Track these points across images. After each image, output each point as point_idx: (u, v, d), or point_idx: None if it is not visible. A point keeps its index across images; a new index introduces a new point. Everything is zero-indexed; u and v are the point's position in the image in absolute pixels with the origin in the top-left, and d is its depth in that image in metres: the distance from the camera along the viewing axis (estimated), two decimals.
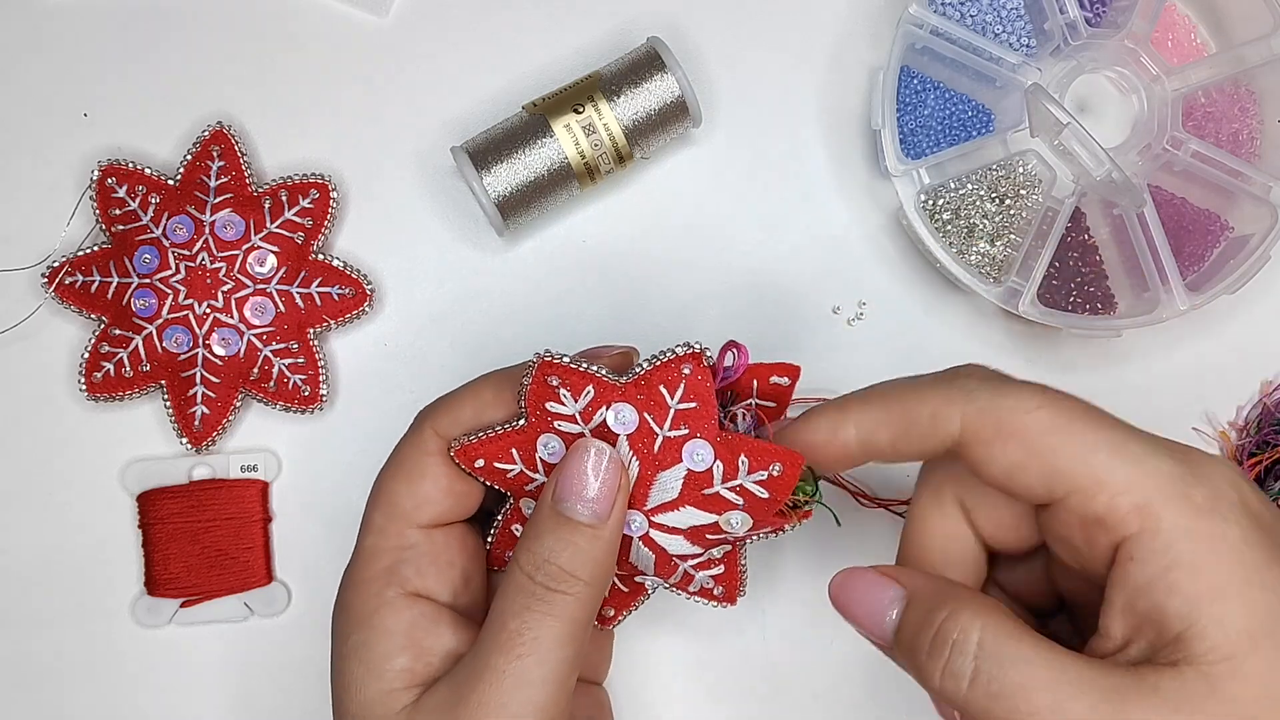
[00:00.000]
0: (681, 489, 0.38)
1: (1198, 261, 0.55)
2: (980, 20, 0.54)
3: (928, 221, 0.53)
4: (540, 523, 0.38)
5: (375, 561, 0.41)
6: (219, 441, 0.54)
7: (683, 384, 0.38)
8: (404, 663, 0.39)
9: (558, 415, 0.39)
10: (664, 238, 0.56)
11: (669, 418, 0.38)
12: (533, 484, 0.40)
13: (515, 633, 0.37)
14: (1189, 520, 0.32)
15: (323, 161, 0.55)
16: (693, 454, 0.38)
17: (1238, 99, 0.56)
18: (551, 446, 0.39)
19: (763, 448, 0.38)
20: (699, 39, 0.56)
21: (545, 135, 0.51)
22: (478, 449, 0.40)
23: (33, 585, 0.54)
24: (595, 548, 0.38)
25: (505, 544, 0.43)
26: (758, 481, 0.38)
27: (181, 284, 0.52)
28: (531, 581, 0.37)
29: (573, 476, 0.38)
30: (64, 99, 0.56)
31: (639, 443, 0.38)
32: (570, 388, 0.38)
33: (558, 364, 0.38)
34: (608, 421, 0.38)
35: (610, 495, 0.38)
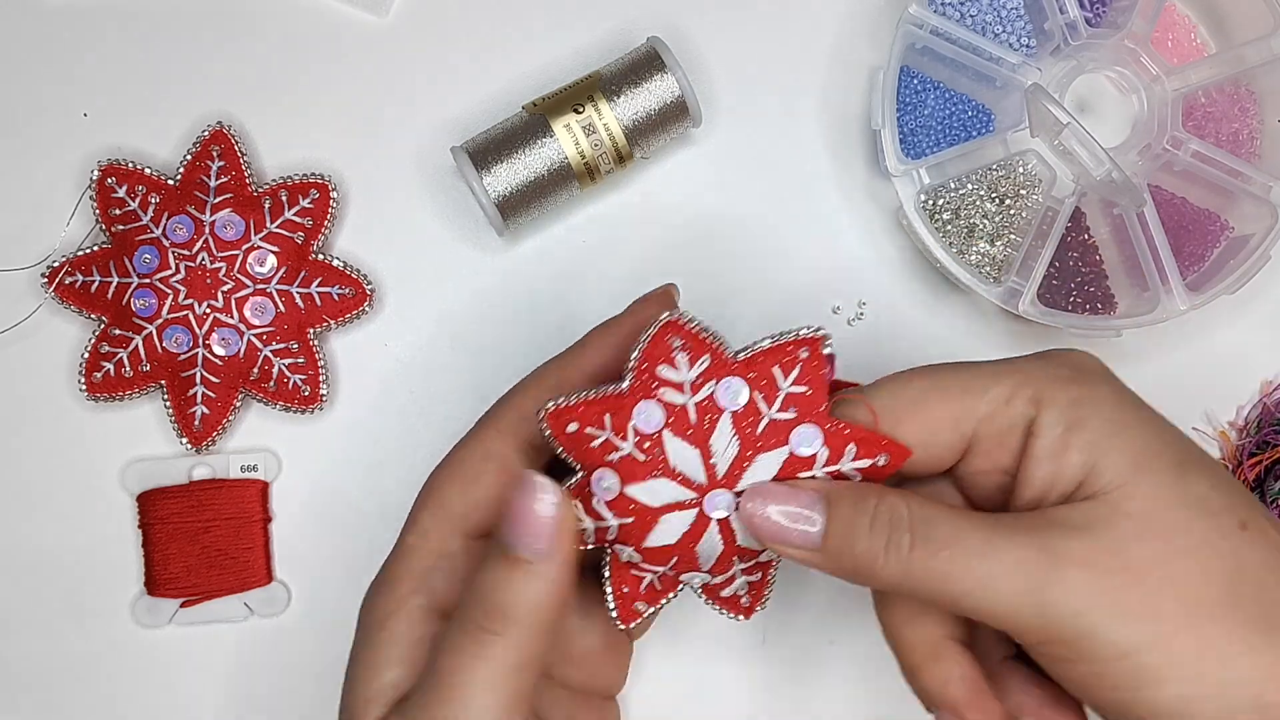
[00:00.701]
0: (778, 473, 0.38)
1: (1198, 261, 0.55)
2: (980, 20, 0.54)
3: (928, 221, 0.53)
4: (486, 559, 0.36)
5: (410, 561, 0.39)
6: (219, 441, 0.54)
7: (799, 367, 0.37)
8: (393, 678, 0.38)
9: (666, 381, 0.37)
10: (664, 238, 0.56)
11: (779, 400, 0.37)
12: (616, 454, 0.38)
13: (445, 673, 0.35)
14: (1069, 391, 0.37)
15: (323, 161, 0.55)
16: (801, 439, 0.37)
17: (1238, 99, 0.56)
18: (649, 415, 0.37)
19: (873, 438, 0.38)
20: (699, 39, 0.56)
21: (545, 135, 0.51)
22: (573, 412, 0.38)
23: (33, 585, 0.54)
24: (530, 586, 0.35)
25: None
26: (858, 469, 0.38)
27: (181, 284, 0.52)
28: (468, 619, 0.36)
29: (515, 511, 0.36)
30: (64, 99, 0.56)
31: (743, 421, 0.37)
32: (689, 353, 0.37)
33: (684, 326, 0.37)
34: (715, 395, 0.37)
35: (549, 532, 0.36)
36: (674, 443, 0.38)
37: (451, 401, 0.55)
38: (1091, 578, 0.34)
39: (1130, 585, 0.34)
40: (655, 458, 0.38)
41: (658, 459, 0.38)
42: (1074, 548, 0.35)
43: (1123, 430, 0.36)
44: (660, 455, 0.38)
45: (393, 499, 0.54)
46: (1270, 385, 0.55)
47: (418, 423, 0.55)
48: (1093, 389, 0.37)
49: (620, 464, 0.38)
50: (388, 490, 0.55)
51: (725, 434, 0.37)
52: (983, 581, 0.35)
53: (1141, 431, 0.37)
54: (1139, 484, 0.35)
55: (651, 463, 0.38)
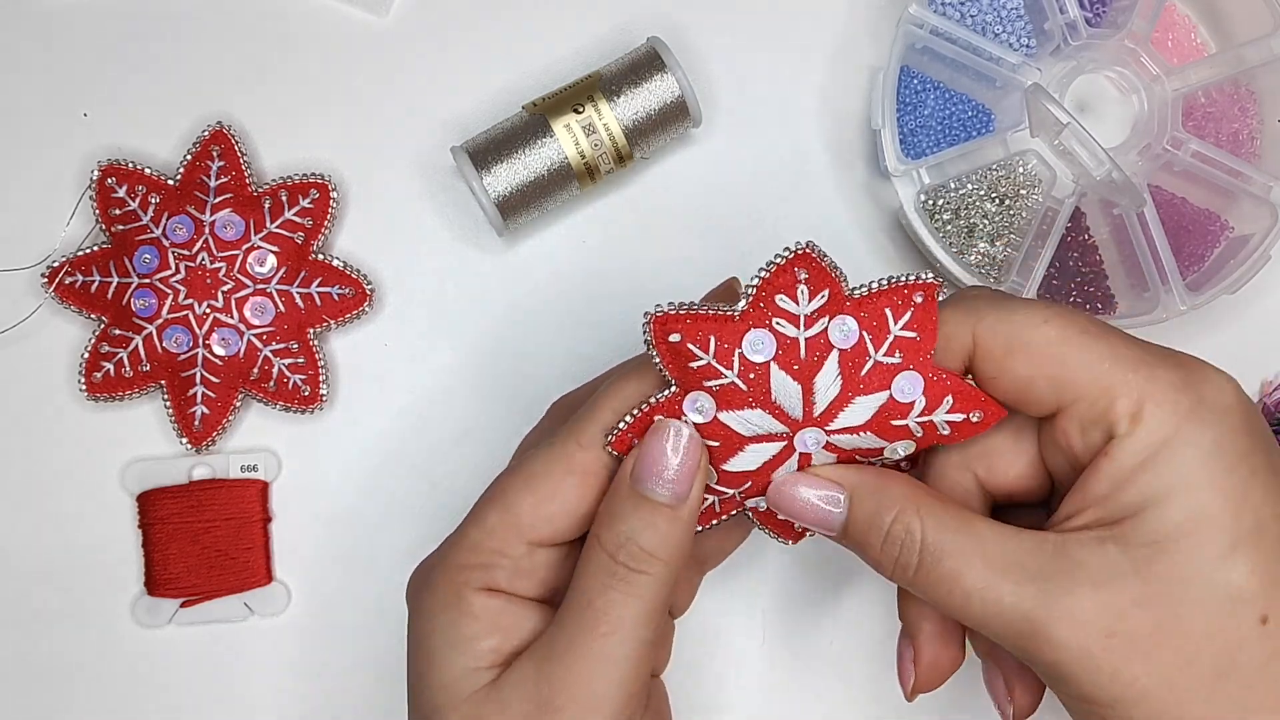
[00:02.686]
0: (873, 416, 0.37)
1: (1198, 261, 0.55)
2: (980, 20, 0.54)
3: (928, 221, 0.53)
4: (619, 502, 0.38)
5: (473, 555, 0.40)
6: (219, 441, 0.54)
7: (911, 310, 0.37)
8: (492, 643, 0.39)
9: (782, 311, 0.37)
10: (664, 238, 0.56)
11: (887, 342, 0.37)
12: (717, 380, 0.38)
13: (600, 610, 0.37)
14: (1170, 423, 0.34)
15: (323, 161, 0.55)
16: (902, 386, 0.37)
17: (1238, 99, 0.56)
18: (761, 345, 0.37)
19: (971, 393, 0.37)
20: (699, 39, 0.56)
21: (545, 135, 0.51)
22: (680, 322, 0.37)
23: (33, 585, 0.54)
24: (674, 529, 0.37)
25: (638, 428, 0.39)
26: (949, 421, 0.37)
27: (181, 284, 0.52)
28: (614, 561, 0.37)
29: (652, 456, 0.37)
30: (64, 99, 0.56)
31: (848, 362, 0.37)
32: (812, 285, 0.37)
33: (815, 259, 0.37)
34: (828, 332, 0.37)
35: (689, 476, 0.37)
36: (779, 375, 0.37)
37: (451, 401, 0.55)
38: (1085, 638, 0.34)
39: (1123, 650, 0.34)
40: (757, 389, 0.37)
41: (760, 390, 0.37)
42: (1079, 605, 0.34)
43: (1196, 489, 0.34)
44: (764, 387, 0.37)
45: (393, 499, 0.54)
46: (1270, 385, 0.55)
47: (418, 422, 0.55)
48: (1207, 432, 0.35)
49: (720, 391, 0.38)
50: (388, 490, 0.55)
51: (830, 373, 0.37)
52: (979, 618, 0.36)
53: (1212, 495, 0.34)
54: (1174, 552, 0.34)
55: (753, 393, 0.37)
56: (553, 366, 0.55)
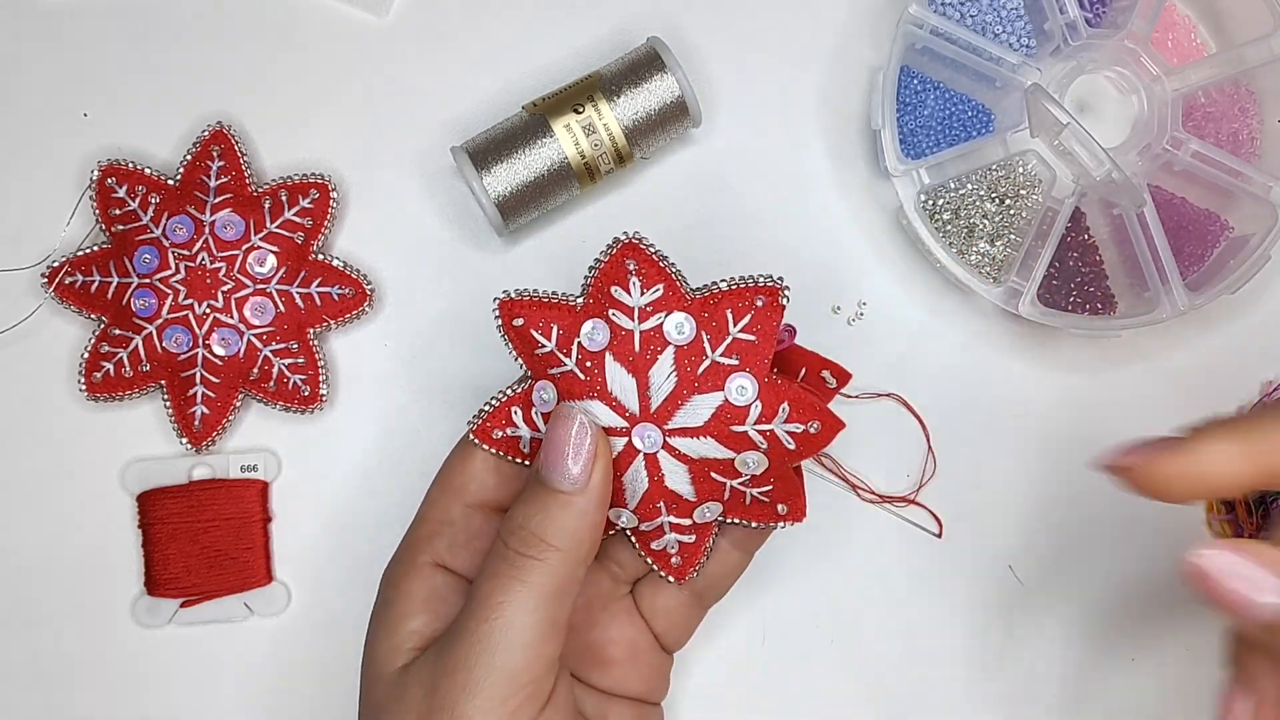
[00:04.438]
0: (710, 418, 0.37)
1: (1198, 261, 0.55)
2: (980, 20, 0.54)
3: (928, 221, 0.53)
4: (525, 491, 0.39)
5: (419, 529, 0.43)
6: (219, 441, 0.54)
7: (751, 314, 0.37)
8: (417, 625, 0.40)
9: (618, 303, 0.37)
10: (664, 238, 0.55)
11: (724, 344, 0.37)
12: (559, 369, 0.39)
13: (486, 595, 0.37)
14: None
15: (323, 161, 0.55)
16: (737, 387, 0.37)
17: (1238, 99, 0.56)
18: (596, 335, 0.38)
19: (809, 402, 0.37)
20: (699, 39, 0.56)
21: (545, 135, 0.51)
22: (523, 308, 0.38)
23: (33, 585, 0.54)
24: (568, 515, 0.38)
25: (498, 421, 0.41)
26: (790, 432, 0.37)
27: (181, 284, 0.52)
28: (506, 547, 0.38)
29: (552, 443, 0.38)
30: (64, 99, 0.56)
31: (685, 359, 0.37)
32: (643, 278, 0.37)
33: (642, 249, 0.37)
34: (663, 327, 0.37)
35: (587, 463, 0.38)
36: (614, 366, 0.37)
37: (451, 401, 0.55)
38: None
39: None
40: (594, 378, 0.38)
41: (596, 379, 0.38)
42: None
43: None
44: (599, 376, 0.38)
45: (392, 498, 0.54)
46: (1270, 385, 0.55)
47: (418, 422, 0.55)
48: None
49: (560, 379, 0.38)
50: (387, 490, 0.55)
51: (665, 367, 0.37)
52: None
53: None
54: None
55: (590, 383, 0.38)
56: None
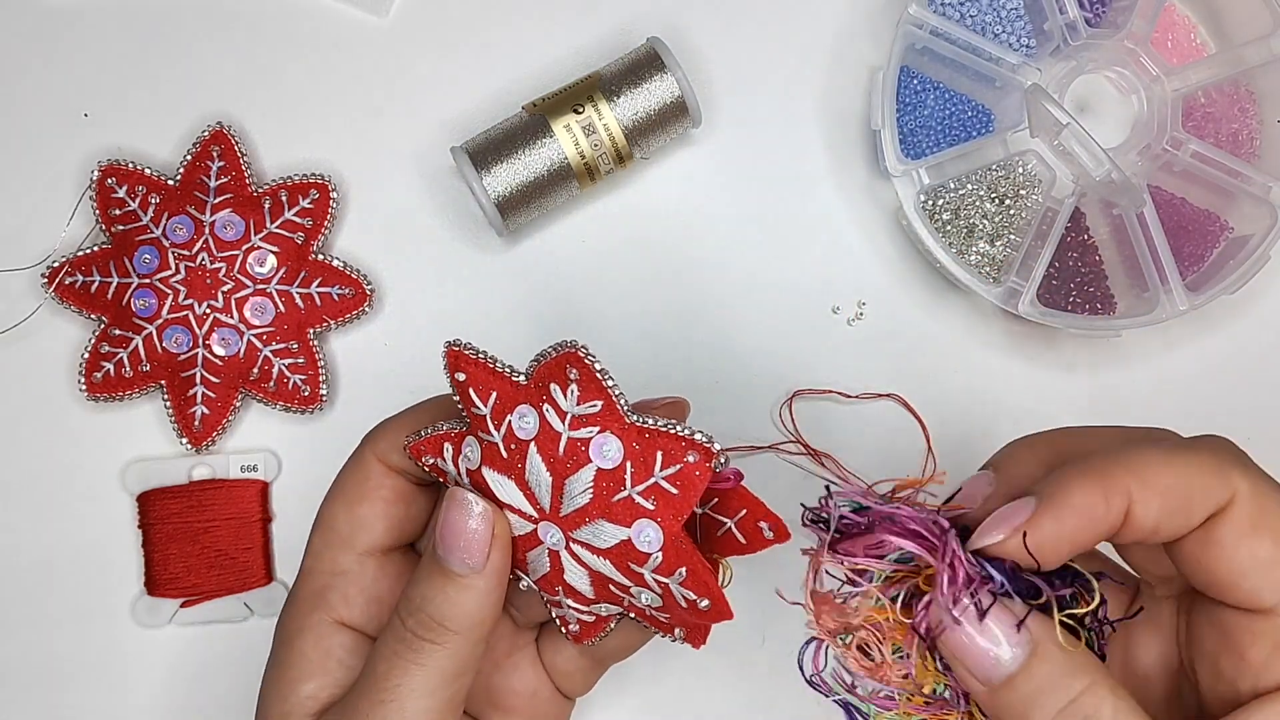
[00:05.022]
0: (612, 547, 0.36)
1: (1197, 262, 0.55)
2: (980, 20, 0.55)
3: (927, 221, 0.53)
4: (420, 569, 0.37)
5: (308, 583, 0.40)
6: (219, 441, 0.54)
7: (679, 465, 0.35)
8: (310, 689, 0.39)
9: (553, 401, 0.36)
10: (664, 238, 0.56)
11: (645, 484, 0.36)
12: (488, 438, 0.38)
13: (381, 677, 0.37)
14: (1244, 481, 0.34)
15: (323, 161, 0.55)
16: (643, 534, 0.36)
17: (1237, 99, 0.56)
18: (526, 421, 0.37)
19: (705, 580, 0.36)
20: (699, 39, 0.56)
21: (545, 135, 0.51)
22: (469, 366, 0.38)
23: (33, 585, 0.54)
24: (465, 598, 0.37)
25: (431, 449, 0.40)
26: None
27: (181, 284, 0.52)
28: (403, 627, 0.37)
29: (444, 525, 0.37)
30: (64, 99, 0.56)
31: (604, 482, 0.36)
32: (581, 389, 0.36)
33: (585, 363, 0.35)
34: (590, 443, 0.36)
35: (481, 546, 0.37)
36: (535, 459, 0.37)
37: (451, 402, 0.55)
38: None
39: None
40: (515, 461, 0.37)
41: (516, 463, 0.37)
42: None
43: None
44: (520, 462, 0.37)
45: None
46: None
47: None
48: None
49: (486, 446, 0.38)
50: None
51: (583, 482, 0.36)
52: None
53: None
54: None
55: (510, 463, 0.37)
56: None
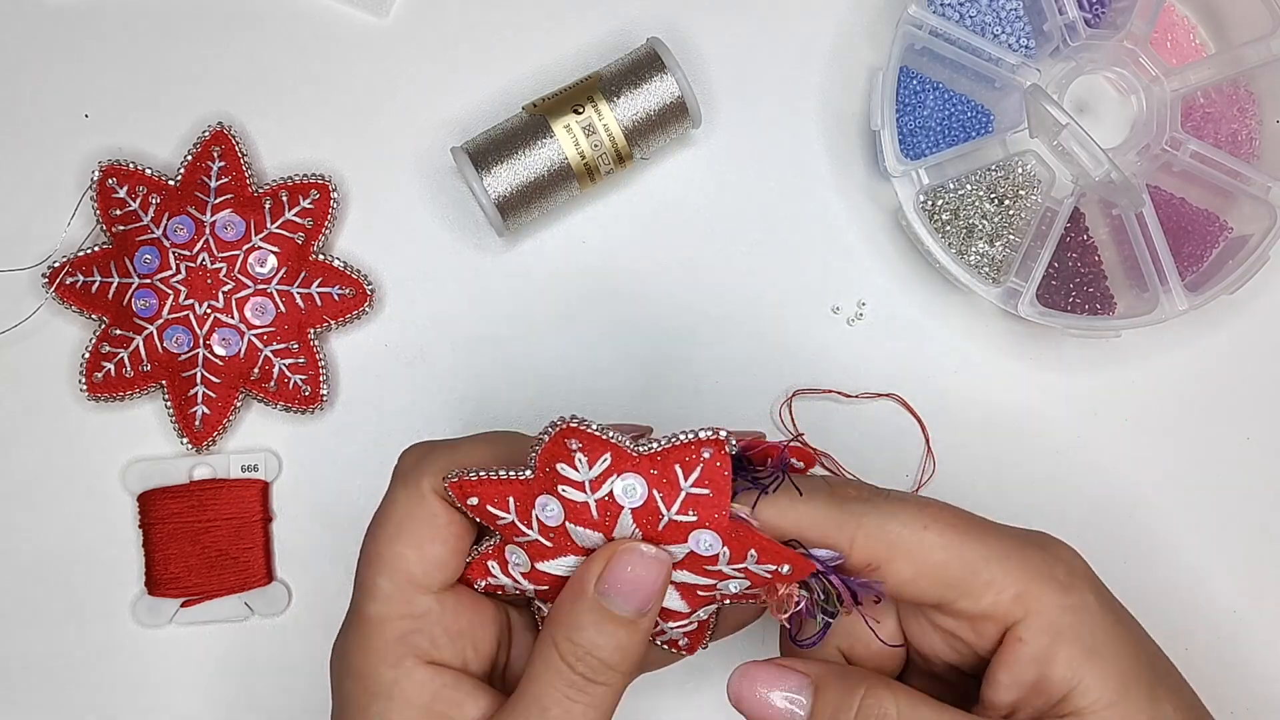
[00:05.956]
0: (684, 559, 0.37)
1: (1197, 262, 0.55)
2: (979, 21, 0.55)
3: (927, 222, 0.53)
4: (581, 614, 0.37)
5: (386, 630, 0.39)
6: (219, 441, 0.54)
7: (700, 467, 0.36)
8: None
9: (565, 480, 0.37)
10: (664, 238, 0.56)
11: (679, 500, 0.36)
12: (524, 538, 0.39)
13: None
14: (1059, 598, 0.37)
15: (323, 162, 0.55)
16: (699, 541, 0.37)
17: (1237, 99, 0.56)
18: (550, 510, 0.37)
19: (773, 549, 0.37)
20: (699, 39, 0.56)
21: (545, 135, 0.51)
22: (475, 488, 0.38)
23: (33, 585, 0.54)
24: (634, 640, 0.38)
25: (479, 573, 0.41)
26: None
27: (182, 284, 0.52)
28: (572, 671, 0.37)
29: (620, 573, 0.37)
30: (65, 99, 0.56)
31: (643, 518, 0.37)
32: (588, 454, 0.36)
33: (582, 430, 0.36)
34: (614, 492, 0.36)
35: (657, 594, 0.37)
36: (579, 531, 0.37)
37: (452, 402, 0.55)
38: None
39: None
40: (561, 544, 0.38)
41: (564, 544, 0.38)
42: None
43: (1107, 647, 0.37)
44: (567, 541, 0.38)
45: None
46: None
47: (418, 422, 0.55)
48: (1081, 597, 0.38)
49: (529, 546, 0.38)
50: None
51: (626, 527, 0.37)
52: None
53: (1123, 649, 0.37)
54: (1127, 702, 0.37)
55: (559, 548, 0.38)
56: (552, 366, 0.55)
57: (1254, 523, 0.55)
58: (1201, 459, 0.55)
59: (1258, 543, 0.55)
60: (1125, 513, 0.55)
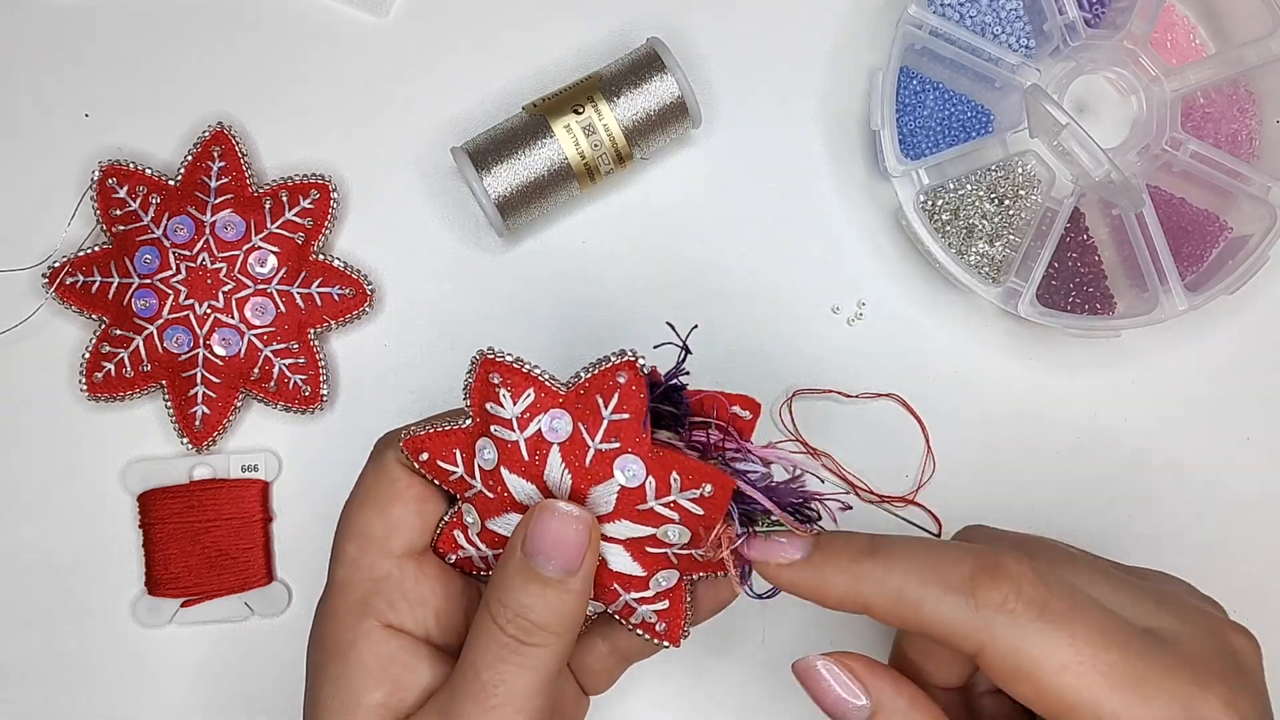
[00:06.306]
0: (615, 504, 0.37)
1: (1197, 262, 0.55)
2: (979, 21, 0.55)
3: (927, 222, 0.53)
4: (510, 576, 0.38)
5: (349, 593, 0.40)
6: (219, 441, 0.54)
7: (617, 393, 0.36)
8: (379, 697, 0.39)
9: (495, 418, 0.37)
10: (664, 238, 0.56)
11: (601, 429, 0.37)
12: (471, 491, 0.39)
13: (489, 684, 0.37)
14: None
15: (323, 162, 0.55)
16: (624, 469, 0.37)
17: (1237, 99, 0.56)
18: (486, 454, 0.38)
19: (694, 466, 0.37)
20: (699, 39, 0.56)
21: (545, 136, 0.51)
22: (425, 442, 0.39)
23: (33, 585, 0.54)
24: (564, 602, 0.37)
25: (448, 545, 0.41)
26: (691, 499, 0.37)
27: (182, 284, 0.52)
28: (503, 634, 0.37)
29: (541, 532, 0.37)
30: (65, 99, 0.56)
31: (570, 454, 0.37)
32: (511, 388, 0.37)
33: (500, 362, 0.37)
34: (542, 430, 0.37)
35: (579, 552, 0.37)
36: (513, 479, 0.38)
37: (452, 402, 0.55)
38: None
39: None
40: (500, 494, 0.38)
41: (502, 495, 0.38)
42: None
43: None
44: (504, 490, 0.38)
45: None
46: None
47: None
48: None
49: (476, 500, 0.39)
50: None
51: (555, 467, 0.37)
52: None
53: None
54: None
55: (499, 500, 0.38)
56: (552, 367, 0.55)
57: (1254, 523, 0.55)
58: (1201, 459, 0.56)
59: (1258, 542, 0.55)
60: (1125, 512, 0.55)
